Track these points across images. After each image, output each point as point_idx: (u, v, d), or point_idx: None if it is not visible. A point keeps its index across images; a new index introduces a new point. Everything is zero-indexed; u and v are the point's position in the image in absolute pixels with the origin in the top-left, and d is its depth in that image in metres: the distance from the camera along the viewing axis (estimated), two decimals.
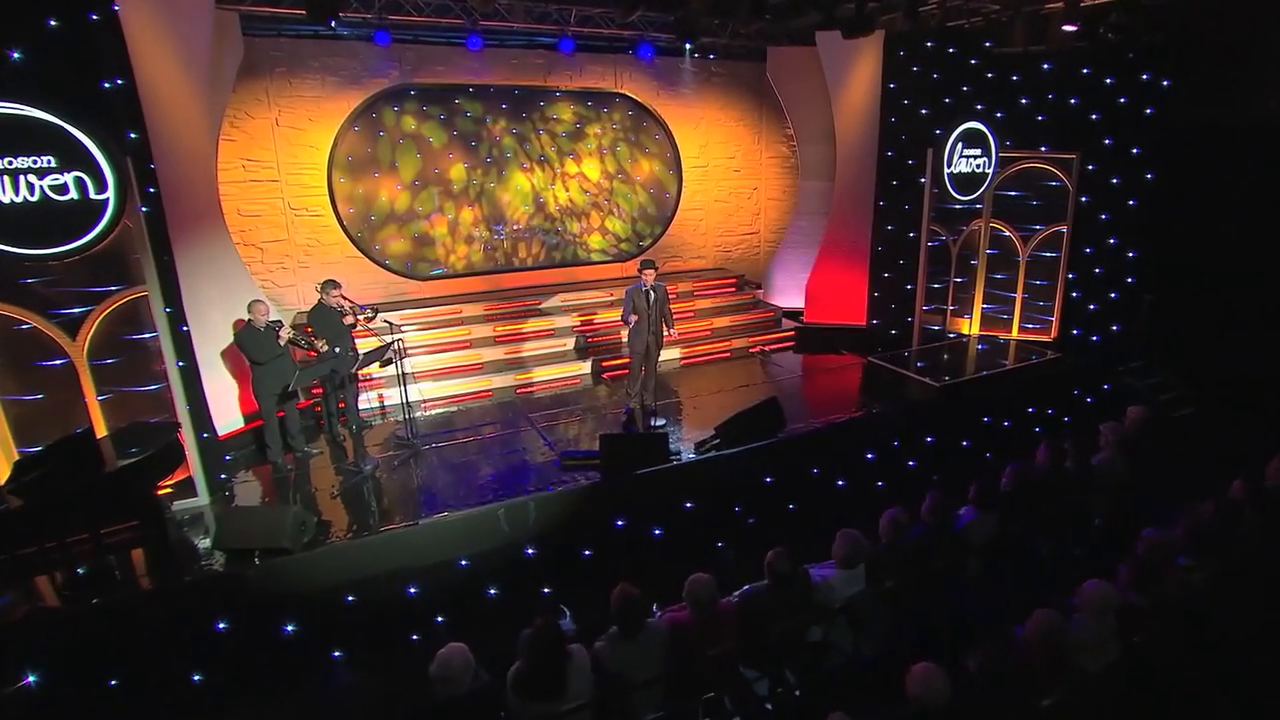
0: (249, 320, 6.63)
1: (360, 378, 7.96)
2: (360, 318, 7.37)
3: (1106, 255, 8.95)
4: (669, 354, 9.65)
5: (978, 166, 8.83)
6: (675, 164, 11.40)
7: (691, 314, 10.51)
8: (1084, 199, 8.92)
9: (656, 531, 6.31)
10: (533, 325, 9.81)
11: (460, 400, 8.73)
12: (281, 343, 6.73)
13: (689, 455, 6.84)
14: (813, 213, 10.83)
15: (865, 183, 9.66)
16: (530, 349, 9.52)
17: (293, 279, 9.34)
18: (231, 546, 5.35)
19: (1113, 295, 9.02)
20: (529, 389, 9.07)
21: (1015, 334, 9.57)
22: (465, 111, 10.07)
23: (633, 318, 7.37)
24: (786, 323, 10.73)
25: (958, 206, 9.15)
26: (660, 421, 7.72)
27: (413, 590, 5.44)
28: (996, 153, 8.81)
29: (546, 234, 10.85)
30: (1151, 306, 8.91)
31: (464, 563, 5.60)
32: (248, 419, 7.35)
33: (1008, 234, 9.41)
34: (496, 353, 9.36)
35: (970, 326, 9.71)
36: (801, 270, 10.85)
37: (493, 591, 5.63)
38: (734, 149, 11.66)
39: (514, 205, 10.56)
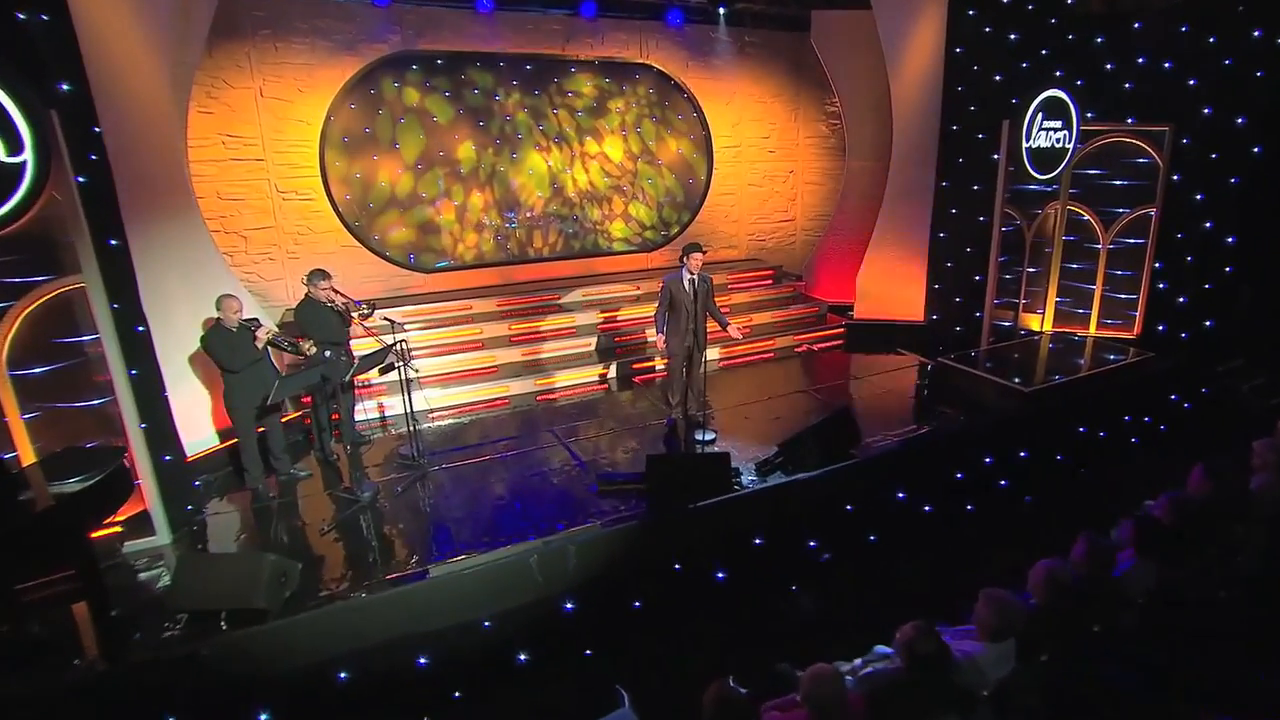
0: (218, 319, 5.36)
1: (357, 385, 6.71)
2: (356, 315, 6.11)
3: (1200, 241, 7.72)
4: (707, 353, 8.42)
5: (1057, 141, 7.58)
6: (705, 144, 10.13)
7: (727, 309, 9.24)
8: (1176, 177, 7.69)
9: (719, 575, 5.07)
10: (552, 323, 8.55)
11: (473, 409, 7.46)
12: (259, 345, 5.46)
13: (749, 480, 5.60)
14: (861, 196, 9.56)
15: (925, 161, 8.41)
16: (550, 350, 8.25)
17: (281, 271, 8.06)
18: (191, 608, 4.10)
19: (1206, 286, 7.80)
20: (550, 395, 7.81)
21: (1093, 330, 8.35)
22: (474, 85, 8.79)
23: (660, 340, 6.26)
24: (832, 318, 9.48)
25: (1032, 187, 7.92)
26: (709, 436, 6.48)
27: (423, 661, 4.19)
28: (1078, 125, 7.57)
29: (564, 221, 9.58)
30: (1252, 299, 7.69)
31: (487, 624, 4.35)
32: (223, 436, 6.09)
33: (1087, 218, 8.17)
34: (513, 354, 8.10)
35: (1043, 322, 8.48)
36: (847, 260, 9.60)
37: (523, 658, 4.38)
38: (768, 128, 10.39)
39: (528, 189, 9.29)
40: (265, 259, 7.99)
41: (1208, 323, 7.81)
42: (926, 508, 5.93)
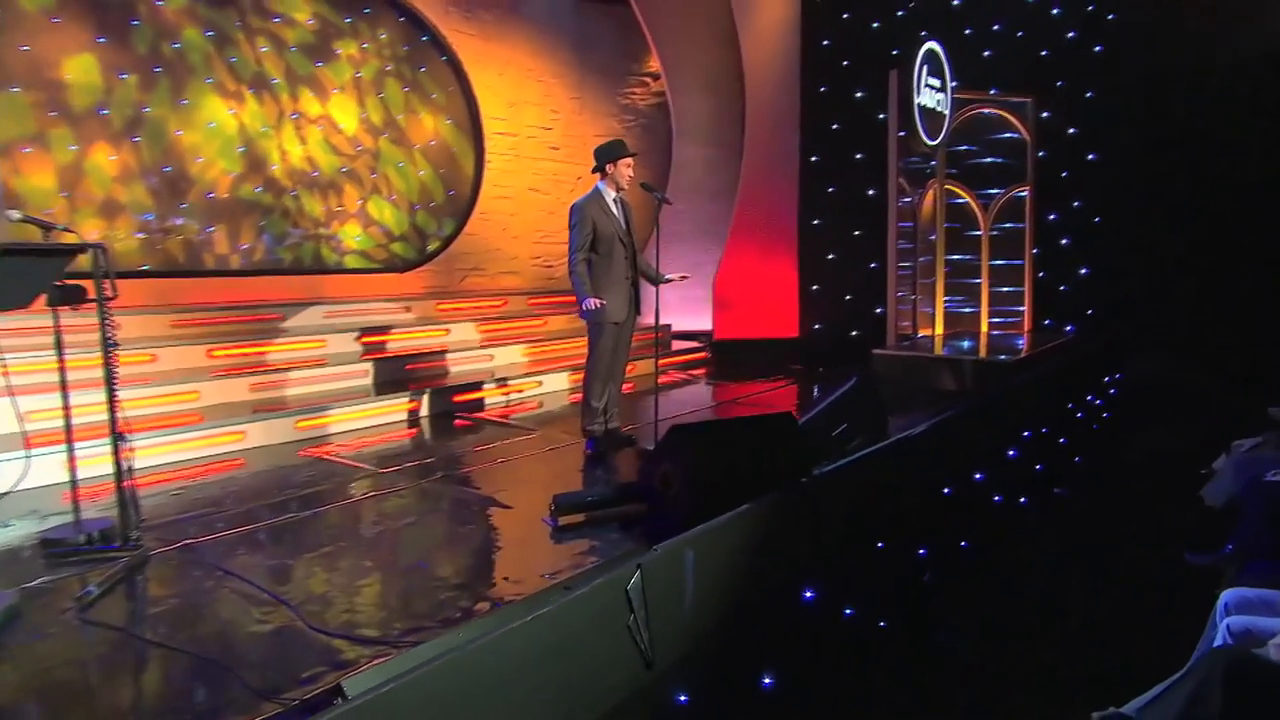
0: None
1: None
2: None
3: (1072, 221, 8.67)
4: (557, 383, 6.78)
5: (938, 103, 8.01)
6: (473, 126, 8.78)
7: (543, 335, 7.79)
8: (1042, 154, 8.63)
9: (847, 611, 3.35)
10: (283, 348, 6.08)
11: (177, 476, 4.59)
12: None
13: None
14: (696, 190, 8.93)
15: (788, 134, 8.24)
16: (298, 385, 5.74)
17: None
18: None
19: (1083, 271, 8.70)
20: (325, 446, 5.25)
21: (985, 328, 8.68)
22: None
23: (593, 302, 4.78)
24: (679, 344, 8.52)
25: (914, 160, 8.18)
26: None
27: None
28: (952, 90, 8.13)
29: (267, 214, 7.24)
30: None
31: None
32: None
33: (966, 200, 8.68)
34: (234, 390, 5.40)
35: (934, 324, 8.55)
36: (687, 274, 8.83)
37: None
38: (550, 116, 9.48)
39: (204, 154, 6.82)
40: None
41: (1089, 310, 8.64)
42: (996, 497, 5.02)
